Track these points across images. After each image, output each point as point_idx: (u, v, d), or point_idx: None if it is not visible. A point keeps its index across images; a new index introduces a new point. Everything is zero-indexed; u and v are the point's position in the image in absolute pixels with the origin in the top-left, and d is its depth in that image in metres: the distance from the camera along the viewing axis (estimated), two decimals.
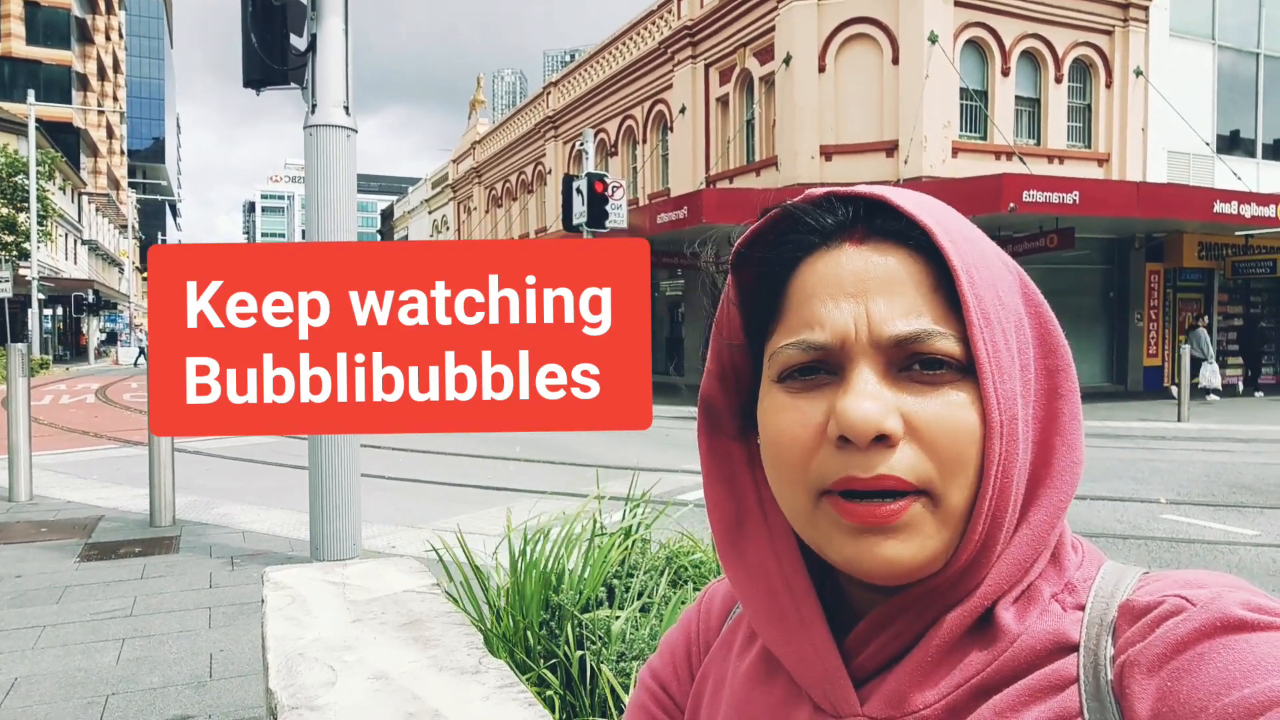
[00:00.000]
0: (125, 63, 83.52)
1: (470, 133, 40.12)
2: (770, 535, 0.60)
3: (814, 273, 0.54)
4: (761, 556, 0.60)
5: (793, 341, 0.54)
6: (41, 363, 29.68)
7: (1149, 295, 19.25)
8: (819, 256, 0.55)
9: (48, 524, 6.12)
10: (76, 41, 56.93)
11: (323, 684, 1.96)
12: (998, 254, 0.56)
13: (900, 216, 0.53)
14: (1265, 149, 22.20)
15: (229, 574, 4.89)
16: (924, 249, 0.53)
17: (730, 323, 0.60)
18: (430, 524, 6.03)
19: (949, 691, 0.51)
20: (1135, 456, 9.26)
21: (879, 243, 0.54)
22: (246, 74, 4.80)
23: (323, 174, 4.71)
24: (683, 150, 22.86)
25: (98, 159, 62.18)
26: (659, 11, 23.81)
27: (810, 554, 0.58)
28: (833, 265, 0.54)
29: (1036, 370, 0.55)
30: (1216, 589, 0.47)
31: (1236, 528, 6.04)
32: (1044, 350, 0.55)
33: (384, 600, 2.54)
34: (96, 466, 8.88)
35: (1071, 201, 14.57)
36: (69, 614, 4.21)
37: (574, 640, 2.50)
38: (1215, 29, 21.11)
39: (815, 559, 0.58)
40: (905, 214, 0.53)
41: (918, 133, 17.43)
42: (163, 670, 3.53)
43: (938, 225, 0.52)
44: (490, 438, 11.59)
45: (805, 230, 0.56)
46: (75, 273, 51.04)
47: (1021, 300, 0.55)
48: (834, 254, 0.54)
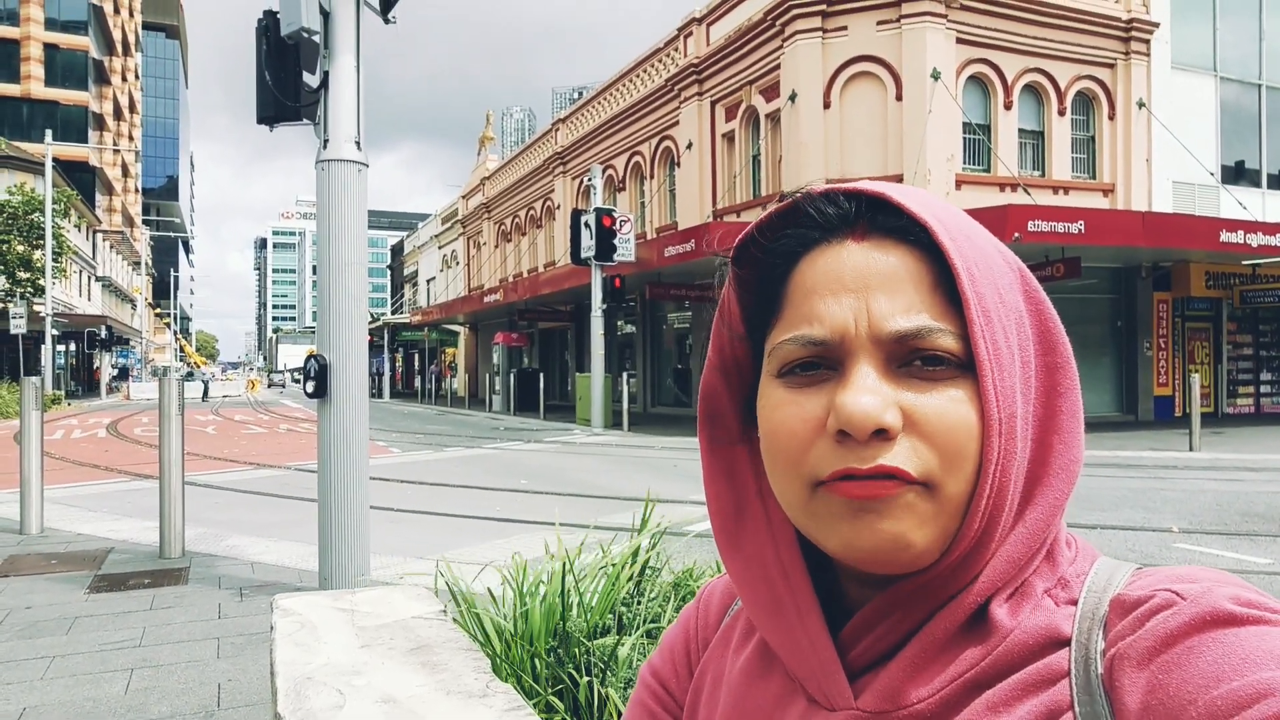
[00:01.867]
0: (141, 103, 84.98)
1: (480, 169, 40.55)
2: (770, 528, 0.60)
3: (814, 268, 0.55)
4: (761, 548, 0.60)
5: (792, 337, 0.54)
6: (54, 398, 29.88)
7: (1158, 324, 19.21)
8: (820, 252, 0.55)
9: (58, 556, 6.14)
10: (94, 83, 57.97)
11: (331, 708, 1.97)
12: (1000, 251, 0.56)
13: (901, 213, 0.53)
14: (1270, 179, 22.26)
15: (237, 605, 4.89)
16: (925, 246, 0.53)
17: (732, 314, 0.61)
18: (438, 554, 6.02)
19: (943, 686, 0.51)
20: (1147, 486, 9.20)
21: (880, 239, 0.54)
22: (261, 110, 4.91)
23: (334, 208, 4.79)
24: (690, 185, 23.05)
25: (113, 197, 63.00)
26: (666, 49, 24.15)
27: (809, 549, 0.59)
28: (834, 261, 0.54)
29: (1037, 367, 0.55)
30: (1207, 583, 0.47)
31: (1250, 556, 5.98)
32: (1044, 347, 0.55)
33: (392, 626, 2.55)
34: (107, 499, 8.91)
35: (1077, 231, 14.61)
36: (78, 644, 4.21)
37: (581, 666, 2.50)
38: (1217, 61, 21.28)
39: (813, 555, 0.59)
40: (905, 211, 0.53)
41: (921, 166, 17.57)
42: (171, 700, 3.53)
43: (938, 223, 0.52)
44: (497, 470, 11.60)
45: (807, 225, 0.56)
46: (89, 309, 51.48)
47: (1022, 297, 0.55)
48: (835, 249, 0.54)
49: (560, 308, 28.42)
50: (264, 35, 4.88)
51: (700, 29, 22.44)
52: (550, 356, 33.09)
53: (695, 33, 22.60)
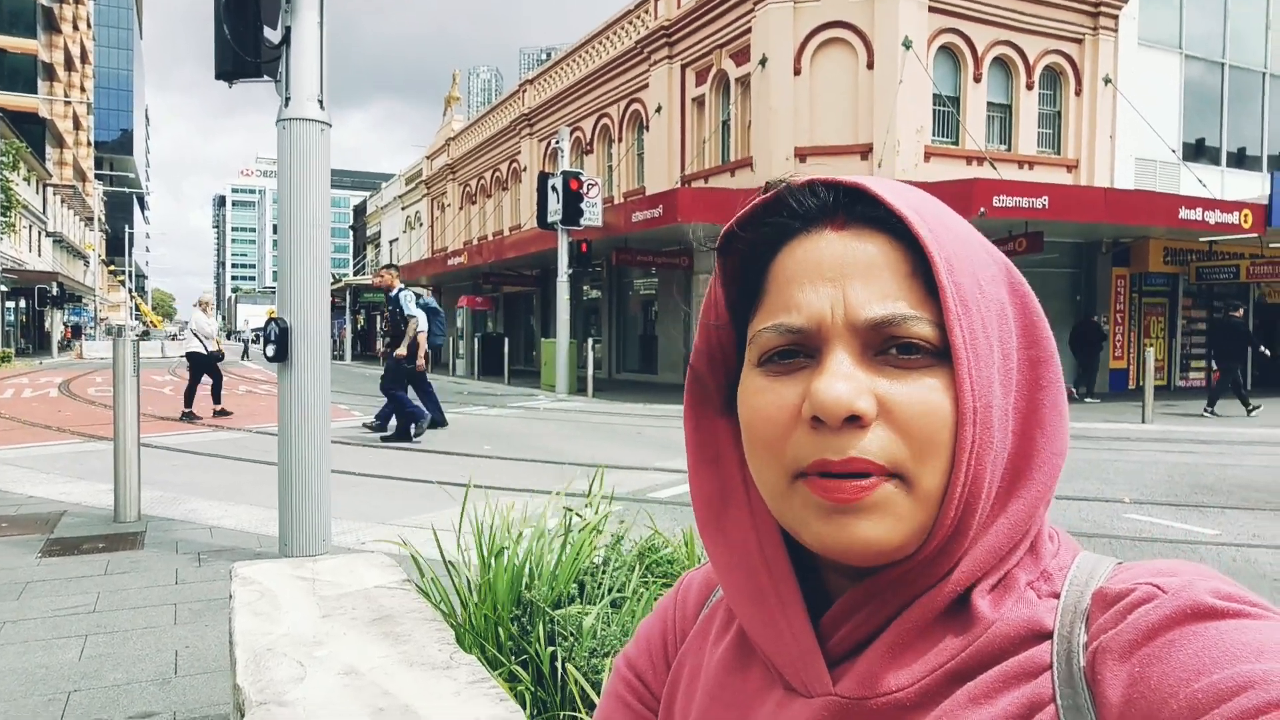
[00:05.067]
0: (94, 53, 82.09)
1: (445, 129, 39.85)
2: (753, 515, 0.60)
3: (793, 258, 0.55)
4: (744, 535, 0.60)
5: (771, 325, 0.54)
6: (3, 355, 29.10)
7: (1115, 299, 19.57)
8: (799, 241, 0.56)
9: (8, 519, 6.01)
10: (43, 30, 55.88)
11: (292, 679, 1.94)
12: (983, 245, 0.56)
13: (880, 204, 0.54)
14: (1230, 157, 22.66)
15: (195, 570, 4.82)
16: (904, 236, 0.53)
17: (716, 304, 0.61)
18: (400, 520, 5.99)
19: (923, 675, 0.51)
20: (1100, 457, 9.41)
21: (859, 229, 0.54)
22: (219, 65, 4.75)
23: (295, 168, 4.66)
24: (658, 149, 22.88)
25: (64, 150, 61.04)
26: (635, 11, 23.81)
27: (791, 539, 0.59)
28: (812, 250, 0.55)
29: (1019, 361, 0.55)
30: (1187, 577, 0.48)
31: (1198, 527, 6.15)
32: (1027, 341, 0.55)
33: (354, 595, 2.53)
34: (59, 461, 8.72)
35: (1041, 206, 14.77)
36: (30, 610, 4.13)
37: (545, 636, 2.50)
38: (1183, 39, 21.51)
39: (795, 544, 0.59)
40: (882, 202, 0.53)
41: (891, 137, 17.59)
42: (126, 667, 3.48)
43: (915, 214, 0.53)
44: (460, 435, 11.54)
45: (787, 215, 0.56)
46: (39, 265, 50.05)
47: (1006, 291, 0.55)
48: (814, 239, 0.55)
49: (526, 272, 28.19)
50: None
51: None
52: (515, 321, 32.89)
53: None
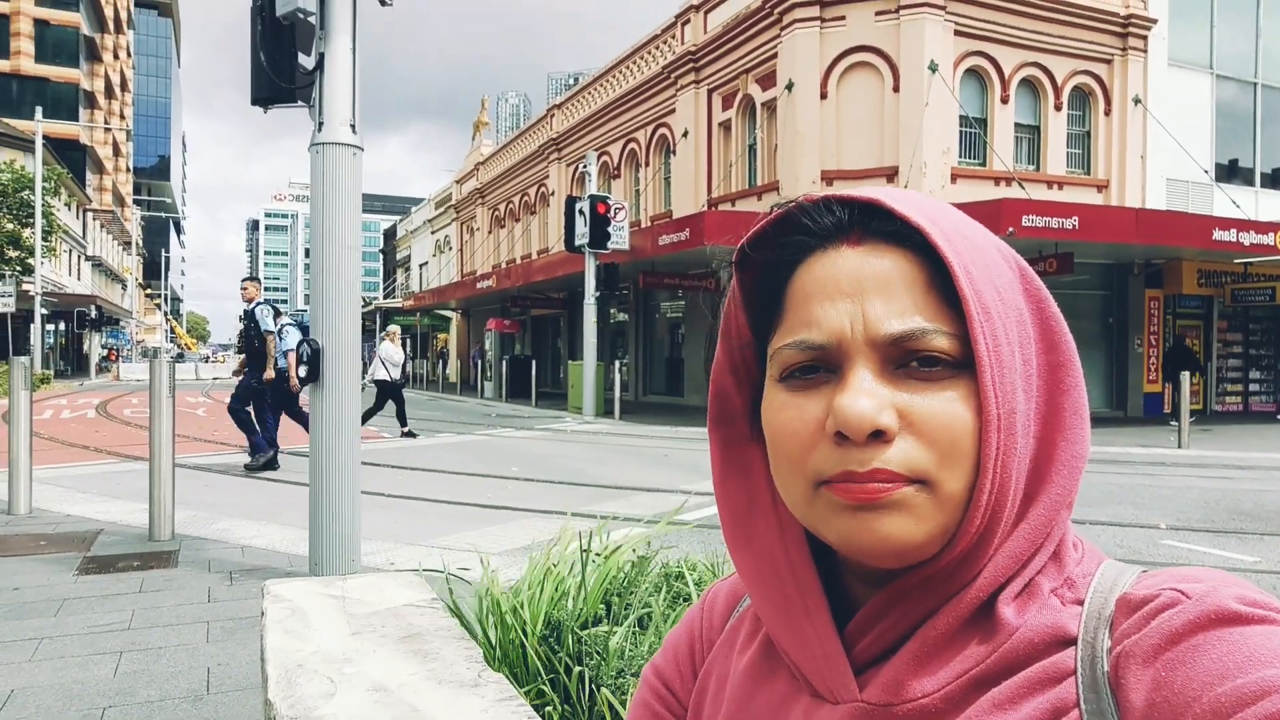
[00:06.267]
0: (133, 81, 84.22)
1: (474, 154, 40.32)
2: (780, 525, 0.61)
3: (811, 274, 0.56)
4: (770, 546, 0.61)
5: (791, 342, 0.55)
6: (43, 377, 29.69)
7: (1149, 321, 19.28)
8: (817, 258, 0.56)
9: (46, 537, 6.12)
10: (85, 60, 57.42)
11: (322, 695, 1.96)
12: (998, 248, 0.57)
13: (895, 218, 0.54)
14: (1263, 178, 22.32)
15: (227, 589, 4.88)
16: (922, 249, 0.53)
17: (736, 322, 0.62)
18: (429, 541, 6.02)
19: (948, 682, 0.52)
20: (1135, 482, 9.25)
21: (875, 244, 0.55)
22: (255, 92, 4.87)
23: (328, 191, 4.75)
24: (685, 173, 22.99)
25: (103, 176, 62.53)
26: (663, 36, 24.04)
27: (817, 549, 0.60)
28: (829, 267, 0.55)
29: (1039, 365, 0.55)
30: (1212, 583, 0.48)
31: (1236, 554, 6.03)
32: (1046, 345, 0.56)
33: (383, 614, 2.55)
34: (96, 481, 8.87)
35: (1071, 226, 14.63)
36: (66, 627, 4.20)
37: (573, 656, 2.51)
38: (1213, 59, 21.30)
39: (821, 555, 0.60)
40: (898, 215, 0.54)
41: (917, 159, 17.56)
42: (160, 684, 3.52)
43: (932, 225, 0.53)
44: (488, 456, 11.58)
45: (803, 232, 0.57)
46: (78, 288, 51.16)
47: (1023, 295, 0.56)
48: (831, 256, 0.56)
49: (553, 295, 28.34)
50: (259, 15, 4.82)
51: (698, 16, 22.32)
52: (543, 344, 33.03)
53: (693, 20, 22.48)
